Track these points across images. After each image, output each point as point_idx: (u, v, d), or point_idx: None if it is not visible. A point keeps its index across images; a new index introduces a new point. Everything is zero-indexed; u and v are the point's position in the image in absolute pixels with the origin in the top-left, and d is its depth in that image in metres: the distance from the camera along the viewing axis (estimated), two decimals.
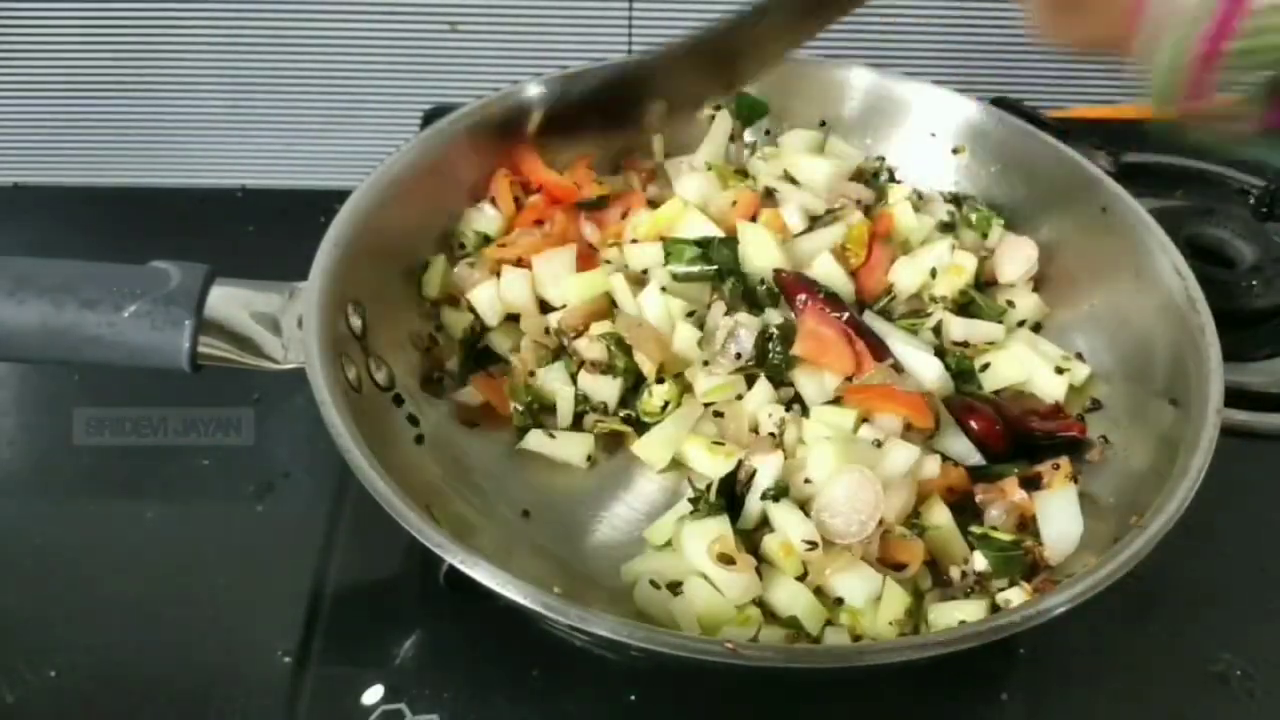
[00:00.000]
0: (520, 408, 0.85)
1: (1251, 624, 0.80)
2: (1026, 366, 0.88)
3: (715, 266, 0.90)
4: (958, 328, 0.91)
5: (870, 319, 0.89)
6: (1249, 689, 0.75)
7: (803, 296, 0.86)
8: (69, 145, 1.47)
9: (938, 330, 0.91)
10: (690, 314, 0.89)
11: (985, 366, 0.88)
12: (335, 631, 0.75)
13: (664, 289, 0.89)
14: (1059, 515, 0.77)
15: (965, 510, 0.79)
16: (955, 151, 1.02)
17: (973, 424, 0.83)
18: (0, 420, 0.92)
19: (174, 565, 0.80)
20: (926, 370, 0.85)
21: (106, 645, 0.75)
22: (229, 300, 0.74)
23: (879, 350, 0.84)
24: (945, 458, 0.81)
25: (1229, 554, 0.83)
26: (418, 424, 0.83)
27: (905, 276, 0.93)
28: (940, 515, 0.78)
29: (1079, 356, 0.90)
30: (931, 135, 1.03)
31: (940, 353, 0.88)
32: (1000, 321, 0.92)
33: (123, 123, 1.45)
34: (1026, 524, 0.78)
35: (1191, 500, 0.68)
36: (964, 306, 0.93)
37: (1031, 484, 0.80)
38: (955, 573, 0.77)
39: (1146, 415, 0.82)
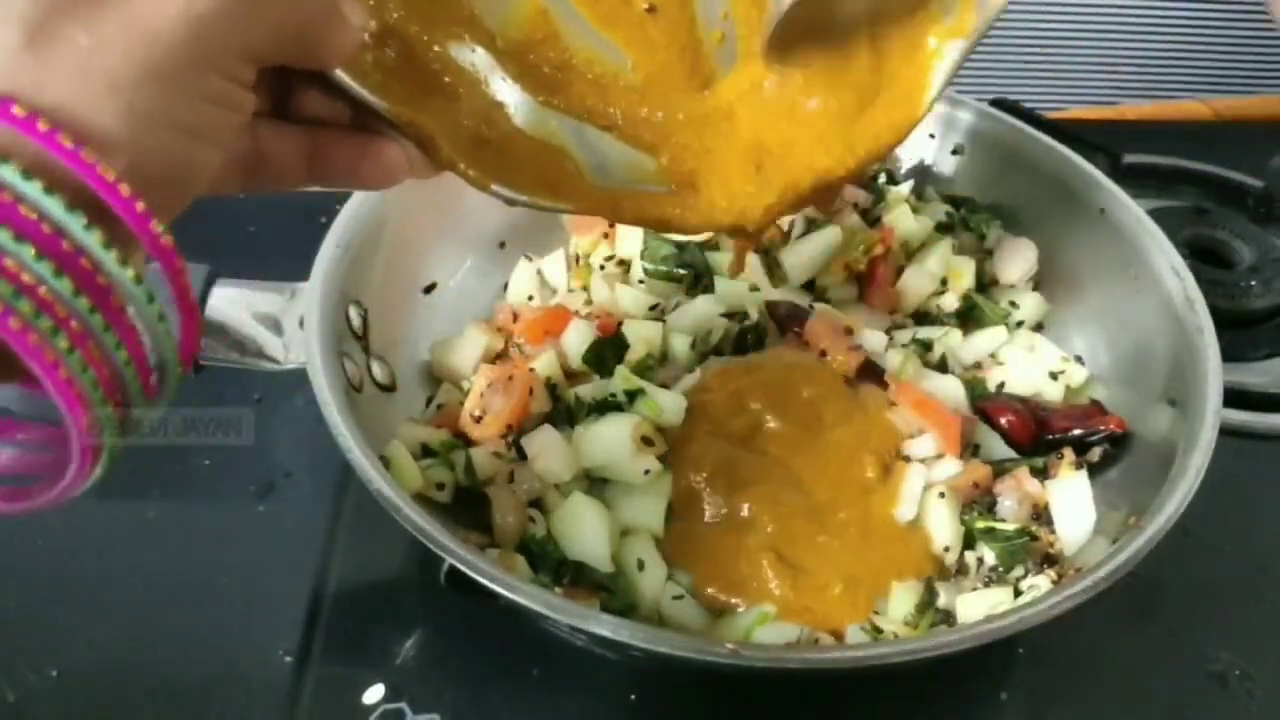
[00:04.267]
0: None
1: (1251, 624, 0.80)
2: (1035, 381, 0.89)
3: (686, 271, 0.92)
4: (966, 351, 0.91)
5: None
6: (1249, 689, 0.75)
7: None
8: None
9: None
10: (652, 307, 0.91)
11: (1000, 385, 0.89)
12: (335, 631, 0.75)
13: (641, 280, 0.92)
14: (1070, 504, 0.78)
15: (979, 502, 0.81)
16: (955, 152, 1.02)
17: (1003, 421, 0.84)
18: None
19: (174, 565, 0.79)
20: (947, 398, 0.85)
21: (107, 645, 0.75)
22: (230, 300, 0.74)
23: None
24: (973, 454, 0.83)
25: (1229, 554, 0.83)
26: None
27: (914, 286, 0.93)
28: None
29: (1078, 359, 0.91)
30: (931, 135, 1.03)
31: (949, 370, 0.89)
32: (1004, 324, 0.92)
33: None
34: (1040, 514, 0.79)
35: (1191, 500, 0.68)
36: (966, 311, 0.94)
37: (1042, 474, 0.81)
38: (971, 559, 0.78)
39: (1146, 416, 0.82)
